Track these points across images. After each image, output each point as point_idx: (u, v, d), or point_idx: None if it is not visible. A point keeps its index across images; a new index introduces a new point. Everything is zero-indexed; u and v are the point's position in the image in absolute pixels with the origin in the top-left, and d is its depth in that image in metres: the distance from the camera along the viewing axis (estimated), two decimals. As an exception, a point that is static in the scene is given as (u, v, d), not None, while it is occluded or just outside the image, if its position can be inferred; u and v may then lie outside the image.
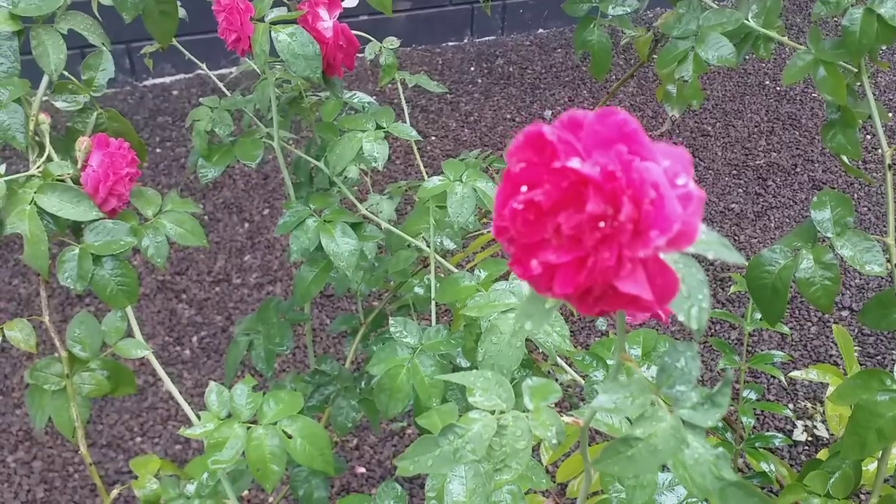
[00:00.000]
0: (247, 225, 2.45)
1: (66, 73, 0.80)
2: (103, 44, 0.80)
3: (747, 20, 0.98)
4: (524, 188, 0.32)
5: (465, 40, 3.28)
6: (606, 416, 0.54)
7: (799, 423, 1.93)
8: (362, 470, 1.84)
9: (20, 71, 0.77)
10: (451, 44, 3.26)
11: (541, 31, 3.35)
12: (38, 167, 0.75)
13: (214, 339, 2.12)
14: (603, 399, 0.38)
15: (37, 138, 0.77)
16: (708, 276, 2.30)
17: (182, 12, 0.88)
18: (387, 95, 2.85)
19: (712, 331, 2.13)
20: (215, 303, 2.23)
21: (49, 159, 0.77)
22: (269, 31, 0.83)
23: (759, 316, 1.23)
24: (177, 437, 1.88)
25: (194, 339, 2.13)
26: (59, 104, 0.80)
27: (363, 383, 1.15)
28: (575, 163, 0.30)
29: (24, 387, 1.98)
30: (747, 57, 3.45)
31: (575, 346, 1.46)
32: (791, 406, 1.95)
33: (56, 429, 1.89)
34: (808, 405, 1.96)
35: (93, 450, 1.86)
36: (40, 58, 0.78)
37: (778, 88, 3.07)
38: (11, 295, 2.18)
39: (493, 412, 0.45)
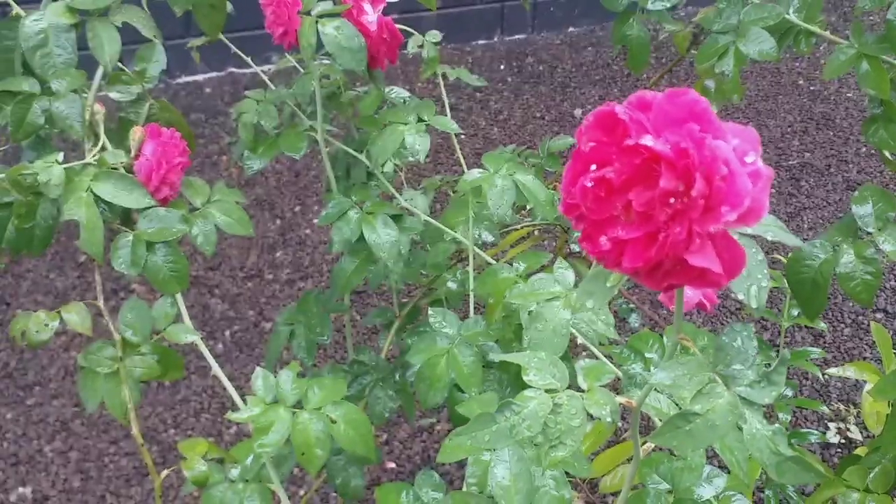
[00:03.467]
0: (279, 221, 2.48)
1: (119, 64, 0.82)
2: (155, 36, 0.82)
3: (788, 15, 0.98)
4: (594, 167, 0.33)
5: (495, 39, 3.29)
6: (655, 400, 0.54)
7: (832, 426, 1.91)
8: (392, 465, 1.86)
9: (77, 62, 0.80)
10: (481, 42, 3.27)
11: (571, 29, 3.35)
12: (93, 156, 0.78)
13: (247, 334, 2.15)
14: (662, 375, 0.39)
15: (92, 128, 0.80)
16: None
17: (229, 6, 0.90)
18: (418, 94, 2.86)
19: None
20: (247, 298, 2.25)
21: (104, 148, 0.79)
22: (316, 25, 0.85)
23: (795, 312, 1.22)
24: (209, 429, 1.91)
25: (227, 333, 2.16)
26: (113, 95, 0.82)
27: (399, 375, 1.16)
28: (648, 140, 0.31)
29: (62, 378, 2.02)
30: (781, 56, 3.43)
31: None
32: (829, 410, 1.94)
33: (92, 419, 1.93)
34: (842, 407, 1.95)
35: (128, 441, 1.89)
36: (96, 49, 0.80)
37: (812, 88, 3.04)
38: (48, 288, 2.23)
39: (547, 391, 0.46)
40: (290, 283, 2.29)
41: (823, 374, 1.23)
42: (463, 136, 2.81)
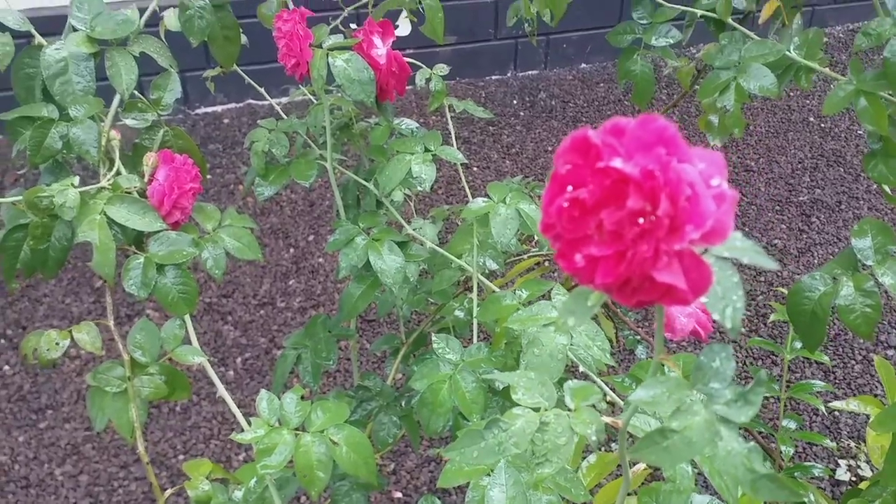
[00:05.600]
0: (292, 250, 2.51)
1: (136, 92, 0.85)
2: (171, 66, 0.86)
3: (789, 52, 1.00)
4: (570, 188, 0.35)
5: (509, 74, 3.34)
6: (643, 422, 0.55)
7: (842, 463, 1.89)
8: (399, 495, 1.86)
9: (95, 90, 0.83)
10: (494, 77, 3.31)
11: (583, 65, 3.39)
12: (108, 180, 0.80)
13: (258, 361, 2.17)
14: (641, 393, 0.41)
15: (107, 153, 0.83)
16: (749, 309, 2.29)
17: (244, 38, 0.93)
18: (430, 126, 2.90)
19: (752, 362, 2.11)
20: (259, 325, 2.28)
21: (118, 173, 0.82)
22: (327, 57, 0.88)
23: (799, 345, 1.23)
24: (218, 455, 1.92)
25: (238, 360, 2.18)
26: (128, 121, 0.85)
27: (404, 402, 1.17)
28: (617, 162, 0.32)
29: (74, 401, 2.04)
30: (791, 93, 3.44)
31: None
32: (834, 444, 1.92)
33: (103, 444, 1.94)
34: (852, 444, 1.93)
35: (137, 465, 1.91)
36: (114, 78, 0.83)
37: (822, 125, 3.06)
38: (64, 313, 2.26)
39: (535, 409, 0.47)
40: (302, 311, 2.32)
41: (828, 409, 1.23)
42: (475, 168, 2.84)
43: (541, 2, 0.94)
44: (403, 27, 0.97)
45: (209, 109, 2.97)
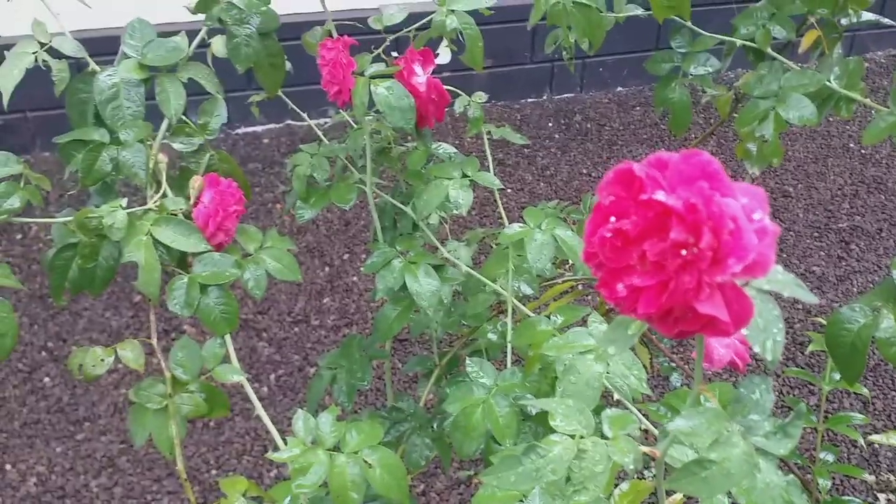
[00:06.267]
0: (327, 269, 2.53)
1: (182, 116, 0.88)
2: (218, 92, 0.88)
3: (829, 82, 1.00)
4: (612, 219, 0.36)
5: (544, 97, 3.35)
6: (680, 452, 0.55)
7: (881, 497, 1.85)
8: (429, 516, 1.86)
9: (144, 114, 0.86)
10: (530, 100, 3.33)
11: (620, 89, 3.40)
12: (155, 202, 0.83)
13: (291, 378, 2.19)
14: (680, 423, 0.41)
15: (154, 176, 0.85)
16: (786, 337, 2.26)
17: (288, 65, 0.95)
18: (466, 149, 2.92)
19: (789, 392, 2.08)
20: (293, 342, 2.30)
21: (165, 195, 0.84)
22: (369, 85, 0.90)
23: (837, 376, 1.21)
24: (250, 471, 1.94)
25: (272, 376, 2.20)
26: (176, 145, 0.88)
27: (436, 423, 1.18)
28: (660, 195, 0.33)
29: (111, 414, 2.07)
30: (831, 119, 3.41)
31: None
32: (873, 478, 1.88)
33: (138, 457, 1.97)
34: (892, 478, 1.88)
35: (170, 479, 1.93)
36: (163, 103, 0.86)
37: (863, 151, 3.02)
38: (104, 326, 2.31)
39: (573, 437, 0.47)
40: (336, 329, 2.34)
41: (867, 441, 1.21)
42: (509, 191, 2.85)
43: (579, 31, 0.96)
44: (443, 55, 0.99)
45: (249, 129, 3.02)
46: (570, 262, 1.36)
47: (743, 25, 1.10)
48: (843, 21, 1.11)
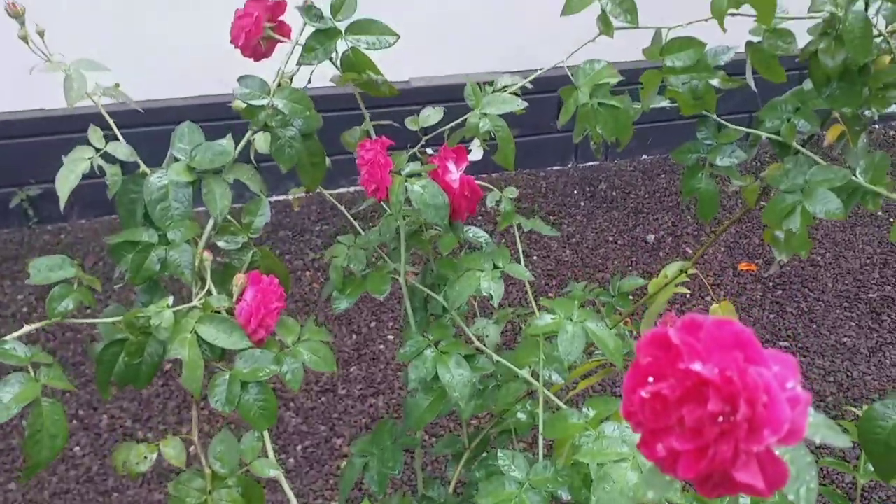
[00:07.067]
0: (354, 337, 2.56)
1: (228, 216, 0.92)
2: (262, 192, 0.92)
3: (855, 177, 1.01)
4: (651, 379, 0.38)
5: (569, 165, 3.39)
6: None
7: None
8: None
9: (192, 213, 0.89)
10: (555, 168, 3.38)
11: (644, 157, 3.43)
12: (199, 299, 0.86)
13: (317, 450, 2.19)
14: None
15: (200, 273, 0.88)
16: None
17: (328, 161, 0.99)
18: (492, 220, 2.96)
19: (823, 477, 2.04)
20: (320, 412, 2.31)
21: (209, 293, 0.87)
22: (405, 183, 0.93)
23: (872, 468, 1.20)
24: (277, 544, 1.93)
25: (298, 447, 2.21)
26: (220, 244, 0.91)
27: (466, 510, 1.18)
28: (697, 366, 0.35)
29: (139, 485, 2.09)
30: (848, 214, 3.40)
31: None
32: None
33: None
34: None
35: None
36: (209, 203, 0.90)
37: (891, 219, 3.01)
38: (134, 395, 2.34)
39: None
40: (363, 399, 2.34)
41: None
42: (535, 257, 2.87)
43: (608, 131, 0.99)
44: (476, 153, 1.02)
45: (280, 198, 3.09)
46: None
47: (768, 118, 1.12)
48: (867, 113, 1.14)
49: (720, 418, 0.35)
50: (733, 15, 1.01)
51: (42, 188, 2.96)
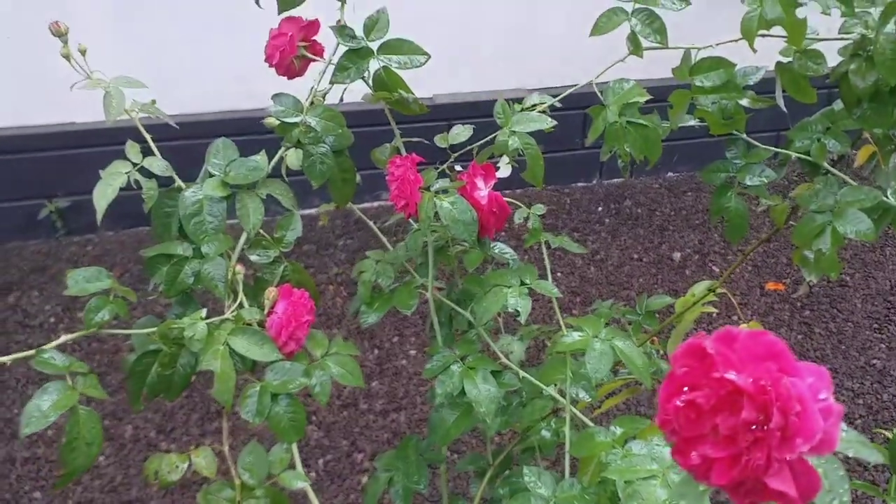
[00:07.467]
0: (377, 351, 2.56)
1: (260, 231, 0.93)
2: (293, 208, 0.94)
3: (886, 198, 1.01)
4: (685, 388, 0.38)
5: (594, 181, 3.39)
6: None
7: None
8: None
9: (225, 227, 0.91)
10: (580, 184, 3.38)
11: (670, 174, 3.43)
12: (231, 312, 0.87)
13: (339, 464, 2.20)
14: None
15: (232, 286, 0.90)
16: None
17: (358, 177, 1.01)
18: (518, 235, 2.96)
19: (852, 501, 2.01)
20: (342, 427, 2.32)
21: (241, 305, 0.89)
22: (434, 199, 0.94)
23: (903, 490, 1.18)
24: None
25: (320, 461, 2.22)
26: (252, 258, 0.93)
27: (492, 529, 1.18)
28: (732, 375, 0.36)
29: (162, 496, 2.10)
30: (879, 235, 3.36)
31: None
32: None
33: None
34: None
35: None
36: (242, 218, 0.92)
37: (920, 241, 2.97)
38: (157, 406, 2.36)
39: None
40: (384, 414, 2.35)
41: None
42: (559, 274, 2.87)
43: (636, 150, 0.99)
44: (504, 170, 1.03)
45: (304, 212, 3.10)
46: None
47: (798, 139, 1.12)
48: (898, 133, 1.13)
49: (754, 427, 0.35)
50: (763, 35, 1.01)
51: (70, 200, 3.01)
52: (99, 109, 0.89)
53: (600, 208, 3.24)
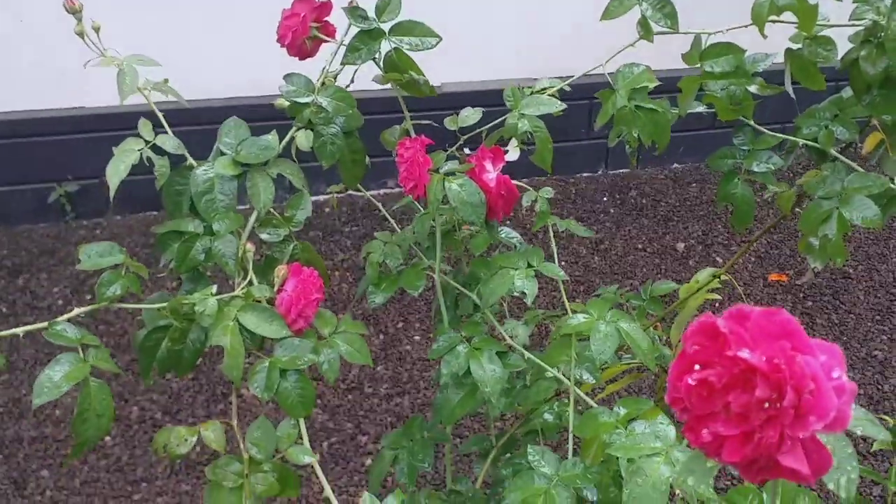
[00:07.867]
0: (382, 336, 2.57)
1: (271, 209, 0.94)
2: (304, 187, 0.94)
3: (893, 185, 1.01)
4: (697, 367, 0.39)
5: (599, 172, 3.39)
6: (751, 569, 0.57)
7: None
8: None
9: (236, 206, 0.92)
10: (585, 174, 3.37)
11: (675, 165, 3.42)
12: (241, 289, 0.88)
13: (343, 447, 2.21)
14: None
15: (242, 264, 0.91)
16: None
17: (367, 160, 1.01)
18: (524, 222, 2.97)
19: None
20: (346, 410, 2.33)
21: (251, 283, 0.89)
22: (443, 182, 0.95)
23: (904, 477, 1.19)
24: (302, 539, 1.95)
25: (325, 444, 2.23)
26: (263, 236, 0.93)
27: (494, 506, 1.19)
28: (745, 353, 0.36)
29: (167, 476, 2.12)
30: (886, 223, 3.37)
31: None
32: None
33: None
34: (962, 578, 1.81)
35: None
36: (253, 196, 0.92)
37: (925, 233, 2.97)
38: (164, 388, 2.37)
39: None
40: (388, 398, 2.36)
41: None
42: (563, 263, 2.87)
43: (645, 134, 1.00)
44: (513, 153, 1.03)
45: (312, 199, 3.12)
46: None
47: (805, 125, 1.12)
48: (906, 122, 1.13)
49: (766, 404, 0.36)
50: (773, 22, 1.01)
51: (79, 184, 3.02)
52: (108, 93, 0.89)
53: (605, 198, 3.24)
